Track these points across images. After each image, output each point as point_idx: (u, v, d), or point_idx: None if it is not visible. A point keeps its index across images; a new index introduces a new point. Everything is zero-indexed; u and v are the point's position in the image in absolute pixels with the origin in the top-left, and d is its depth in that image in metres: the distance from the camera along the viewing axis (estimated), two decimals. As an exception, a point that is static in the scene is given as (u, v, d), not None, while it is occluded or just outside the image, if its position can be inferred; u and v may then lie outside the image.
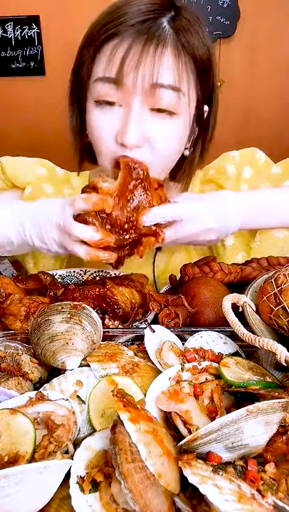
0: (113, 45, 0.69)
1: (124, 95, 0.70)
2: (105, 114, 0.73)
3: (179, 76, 0.70)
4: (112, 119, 0.72)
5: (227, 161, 0.98)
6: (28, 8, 2.85)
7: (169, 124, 0.73)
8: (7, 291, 0.72)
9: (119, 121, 0.72)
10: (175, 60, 0.69)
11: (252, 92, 2.95)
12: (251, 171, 0.97)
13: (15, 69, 3.01)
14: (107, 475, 0.41)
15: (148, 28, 0.67)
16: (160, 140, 0.73)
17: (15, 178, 0.97)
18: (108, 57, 0.69)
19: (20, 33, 2.92)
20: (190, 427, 0.47)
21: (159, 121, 0.72)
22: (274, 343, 0.50)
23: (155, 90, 0.69)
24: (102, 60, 0.70)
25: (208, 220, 0.73)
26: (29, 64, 3.00)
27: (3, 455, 0.42)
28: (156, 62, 0.67)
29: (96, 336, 0.59)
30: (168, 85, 0.69)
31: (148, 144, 0.73)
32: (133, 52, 0.67)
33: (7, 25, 2.90)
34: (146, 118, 0.71)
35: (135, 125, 0.70)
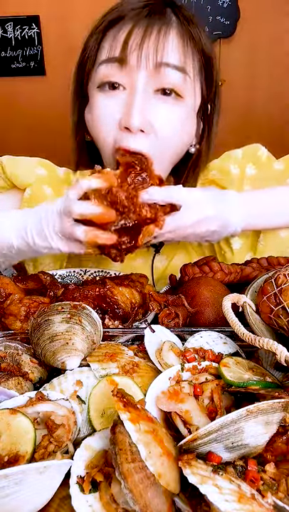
0: (116, 28, 0.68)
1: (128, 75, 0.68)
2: (108, 99, 0.71)
3: (185, 57, 0.68)
4: (115, 104, 0.70)
5: (229, 161, 0.95)
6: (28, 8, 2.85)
7: (173, 107, 0.71)
8: (7, 291, 0.72)
9: (123, 105, 0.70)
10: (180, 42, 0.68)
11: (252, 92, 2.95)
12: (254, 168, 0.96)
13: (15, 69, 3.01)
14: (107, 475, 0.41)
15: (151, 11, 0.67)
16: (164, 124, 0.71)
17: (14, 177, 0.96)
18: (112, 39, 0.68)
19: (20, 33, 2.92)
20: (190, 427, 0.47)
21: (163, 104, 0.70)
22: (274, 343, 0.50)
23: (160, 69, 0.67)
24: (106, 44, 0.70)
25: (206, 206, 0.71)
26: (29, 64, 3.00)
27: (3, 455, 0.42)
28: (161, 41, 0.66)
29: (96, 336, 0.59)
30: (173, 65, 0.68)
31: (152, 128, 0.71)
32: (136, 31, 0.66)
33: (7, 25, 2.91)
34: (151, 100, 0.69)
35: (140, 107, 0.68)
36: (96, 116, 0.74)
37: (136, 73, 0.67)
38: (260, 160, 0.97)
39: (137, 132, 0.69)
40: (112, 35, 0.68)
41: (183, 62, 0.69)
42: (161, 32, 0.66)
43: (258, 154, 0.97)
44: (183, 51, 0.68)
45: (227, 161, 0.96)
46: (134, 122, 0.68)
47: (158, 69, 0.67)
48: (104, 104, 0.71)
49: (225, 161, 0.96)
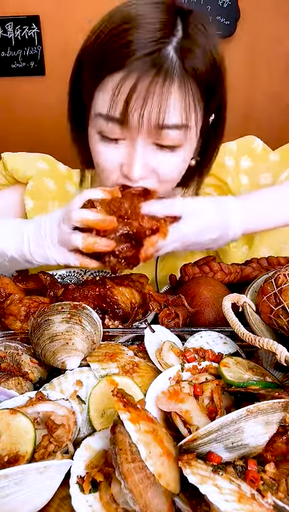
0: (118, 79, 0.65)
1: (129, 132, 0.69)
2: (111, 150, 0.72)
3: (186, 113, 0.68)
4: (117, 153, 0.72)
5: (224, 153, 0.97)
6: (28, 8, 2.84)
7: (173, 156, 0.72)
8: (7, 291, 0.72)
9: (124, 154, 0.72)
10: (182, 95, 0.66)
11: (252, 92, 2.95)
12: (249, 160, 0.97)
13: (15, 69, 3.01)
14: (107, 475, 0.41)
15: (155, 62, 0.63)
16: (164, 171, 0.73)
17: (16, 172, 0.96)
18: (112, 93, 0.66)
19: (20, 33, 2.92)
20: (190, 427, 0.47)
21: (162, 154, 0.72)
22: (274, 343, 0.50)
23: (160, 131, 0.68)
24: (105, 95, 0.67)
25: (209, 215, 0.71)
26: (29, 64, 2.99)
27: (3, 455, 0.42)
28: (163, 102, 0.65)
29: (96, 336, 0.59)
30: (173, 125, 0.67)
31: (152, 174, 0.73)
32: (139, 90, 0.64)
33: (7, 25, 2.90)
34: (150, 151, 0.71)
35: (140, 160, 0.70)
36: (99, 161, 0.76)
37: (136, 132, 0.68)
38: (255, 152, 0.97)
39: (137, 181, 0.72)
40: (114, 86, 0.65)
41: (184, 119, 0.68)
42: (164, 89, 0.64)
43: (253, 146, 0.98)
44: (185, 107, 0.67)
45: (222, 153, 0.96)
46: (135, 175, 0.70)
47: (158, 130, 0.67)
48: (107, 155, 0.73)
49: (220, 154, 0.95)
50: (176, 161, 0.74)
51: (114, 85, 0.65)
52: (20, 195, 0.97)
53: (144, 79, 0.63)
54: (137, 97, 0.64)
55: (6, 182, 1.00)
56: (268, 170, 0.97)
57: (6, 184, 1.00)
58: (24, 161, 0.98)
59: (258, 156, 0.97)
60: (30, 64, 2.99)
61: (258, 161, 0.97)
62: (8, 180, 1.00)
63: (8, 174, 0.98)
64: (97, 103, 0.70)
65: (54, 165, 1.01)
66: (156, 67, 0.63)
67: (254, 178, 0.97)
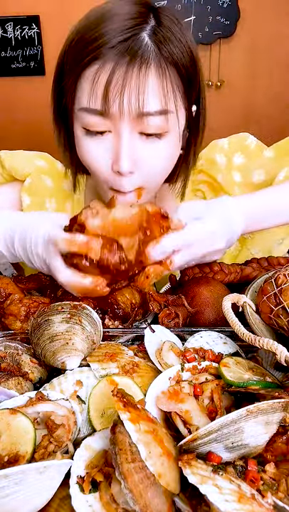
0: (94, 70, 0.66)
1: (112, 122, 0.69)
2: (97, 144, 0.72)
3: (165, 97, 0.68)
4: (104, 147, 0.72)
5: (215, 151, 0.96)
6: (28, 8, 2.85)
7: (160, 144, 0.72)
8: (7, 291, 0.72)
9: (111, 149, 0.71)
10: (160, 81, 0.67)
11: (252, 92, 2.95)
12: (242, 157, 0.96)
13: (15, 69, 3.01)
14: (107, 475, 0.41)
15: (130, 48, 0.64)
16: (152, 163, 0.73)
17: (14, 170, 0.96)
18: (91, 85, 0.67)
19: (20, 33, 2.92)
20: (190, 427, 0.47)
21: (149, 145, 0.72)
22: (274, 343, 0.50)
23: (142, 118, 0.68)
24: (85, 88, 0.68)
25: (217, 240, 0.70)
26: (29, 64, 2.99)
27: (3, 455, 0.42)
28: (141, 87, 0.65)
29: (96, 336, 0.59)
30: (155, 112, 0.68)
31: (141, 167, 0.73)
32: (116, 78, 0.65)
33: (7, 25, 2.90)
34: (137, 142, 0.71)
35: (128, 152, 0.70)
36: (87, 161, 0.76)
37: (119, 121, 0.68)
38: (248, 149, 0.97)
39: (127, 175, 0.72)
40: (91, 79, 0.66)
41: (164, 104, 0.68)
42: (141, 74, 0.65)
43: (246, 143, 0.97)
44: (163, 91, 0.67)
45: (213, 150, 0.97)
46: (124, 168, 0.70)
47: (140, 117, 0.67)
48: (94, 150, 0.73)
49: (211, 151, 0.97)
50: (163, 149, 0.73)
51: (91, 76, 0.66)
52: (17, 193, 0.97)
53: (120, 67, 0.64)
54: (115, 85, 0.65)
55: (2, 180, 1.00)
56: (261, 166, 0.96)
57: (3, 182, 1.00)
58: (22, 159, 0.98)
59: (252, 153, 0.96)
60: (30, 64, 2.99)
61: (252, 158, 0.96)
62: (4, 179, 1.00)
63: (5, 172, 0.98)
64: (78, 97, 0.70)
65: (52, 163, 1.01)
66: (131, 53, 0.64)
67: (247, 174, 0.96)
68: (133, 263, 0.62)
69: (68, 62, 0.71)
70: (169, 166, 0.78)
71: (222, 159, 0.96)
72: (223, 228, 0.71)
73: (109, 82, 0.65)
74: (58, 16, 2.79)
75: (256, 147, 0.97)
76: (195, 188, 1.02)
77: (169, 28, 0.68)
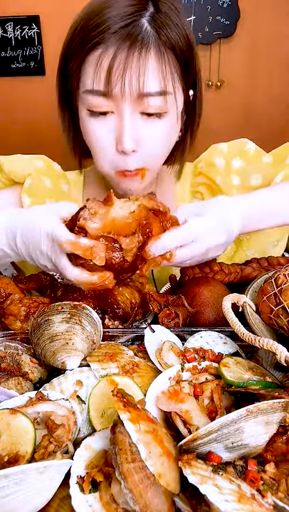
0: (98, 54, 0.70)
1: (115, 103, 0.73)
2: (100, 124, 0.76)
3: (164, 79, 0.72)
4: (107, 128, 0.76)
5: (215, 154, 0.99)
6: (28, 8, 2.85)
7: (159, 125, 0.77)
8: (7, 291, 0.72)
9: (115, 129, 0.75)
10: (159, 63, 0.71)
11: (252, 92, 2.95)
12: (241, 161, 0.98)
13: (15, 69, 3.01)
14: (107, 475, 0.41)
15: (130, 33, 0.69)
16: (153, 141, 0.77)
17: (14, 174, 0.97)
18: (94, 68, 0.71)
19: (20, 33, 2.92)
20: (190, 427, 0.47)
21: (150, 124, 0.76)
22: (274, 343, 0.50)
23: (143, 99, 0.72)
24: (89, 71, 0.73)
25: (217, 236, 0.71)
26: (29, 64, 2.99)
27: (3, 455, 0.42)
28: (141, 69, 0.70)
29: (96, 336, 0.59)
30: (155, 92, 0.72)
31: (141, 147, 0.76)
32: (118, 60, 0.69)
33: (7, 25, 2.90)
34: (138, 122, 0.75)
35: (130, 131, 0.74)
36: (91, 142, 0.80)
37: (121, 102, 0.73)
38: (247, 154, 0.99)
39: (130, 153, 0.76)
40: (95, 63, 0.71)
41: (163, 86, 0.73)
42: (141, 57, 0.69)
43: (246, 149, 0.99)
44: (162, 73, 0.72)
45: (213, 153, 1.00)
46: (127, 147, 0.74)
47: (141, 98, 0.72)
48: (98, 131, 0.77)
49: (211, 154, 1.00)
50: (163, 129, 0.77)
51: (95, 59, 0.71)
52: (17, 195, 0.98)
53: (121, 51, 0.69)
54: (117, 68, 0.69)
55: (1, 185, 1.00)
56: (259, 171, 0.98)
57: (2, 187, 1.01)
58: (21, 161, 0.99)
59: (251, 158, 0.99)
60: (30, 64, 2.99)
61: (251, 163, 0.98)
62: (3, 183, 1.00)
63: (4, 176, 0.98)
64: (83, 81, 0.75)
65: (50, 164, 1.02)
66: (132, 38, 0.69)
67: (245, 178, 0.98)
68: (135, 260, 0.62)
69: (73, 48, 0.75)
70: (168, 145, 0.82)
71: (221, 162, 0.98)
72: (222, 224, 0.72)
73: (112, 65, 0.69)
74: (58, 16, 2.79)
75: (255, 152, 0.99)
76: (194, 190, 1.03)
77: (167, 15, 0.73)
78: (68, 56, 0.77)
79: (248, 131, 3.07)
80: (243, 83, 2.92)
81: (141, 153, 0.77)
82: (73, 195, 1.04)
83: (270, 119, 2.97)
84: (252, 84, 2.93)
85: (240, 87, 2.93)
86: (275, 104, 2.95)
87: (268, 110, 2.97)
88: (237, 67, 2.88)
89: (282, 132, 2.93)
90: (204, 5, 2.72)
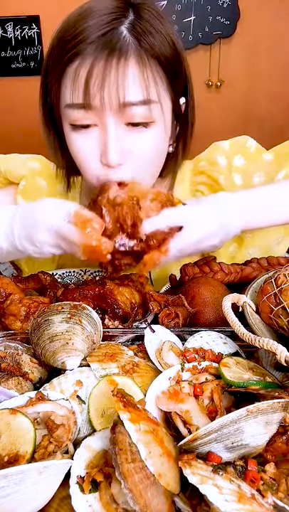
0: (75, 66, 0.67)
1: (97, 116, 0.70)
2: (84, 138, 0.73)
3: (147, 87, 0.68)
4: (91, 142, 0.72)
5: (217, 152, 0.97)
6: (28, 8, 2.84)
7: (146, 134, 0.73)
8: (7, 291, 0.72)
9: (99, 142, 0.72)
10: (140, 71, 0.67)
11: (252, 92, 2.95)
12: (242, 159, 0.96)
13: (15, 69, 3.01)
14: (107, 475, 0.41)
15: (108, 42, 0.65)
16: (140, 153, 0.73)
17: (9, 173, 0.97)
18: (72, 81, 0.68)
19: (20, 33, 2.92)
20: (190, 427, 0.47)
21: (135, 135, 0.72)
22: (274, 343, 0.50)
23: (125, 109, 0.68)
24: (67, 84, 0.70)
25: (209, 223, 0.70)
26: (29, 64, 2.99)
27: (3, 455, 0.42)
28: (121, 79, 0.66)
29: (96, 335, 0.59)
30: (137, 101, 0.68)
31: (130, 158, 0.73)
32: (96, 72, 0.66)
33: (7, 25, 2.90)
34: (123, 134, 0.71)
35: (115, 144, 0.70)
36: (76, 157, 0.76)
37: (102, 113, 0.69)
38: (248, 151, 0.97)
39: (116, 167, 0.72)
40: (73, 74, 0.68)
41: (146, 94, 0.69)
42: (120, 66, 0.66)
43: (247, 146, 0.98)
44: (144, 82, 0.68)
45: (214, 151, 0.98)
46: (112, 160, 0.70)
47: (123, 108, 0.68)
48: (82, 145, 0.74)
49: (212, 152, 0.98)
50: (150, 139, 0.73)
51: (73, 71, 0.68)
52: (12, 195, 0.97)
53: (99, 60, 0.65)
54: (95, 78, 0.66)
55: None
56: (261, 169, 0.97)
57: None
58: (17, 162, 0.98)
59: (252, 156, 0.97)
60: (30, 64, 2.99)
61: (252, 160, 0.97)
62: (1, 182, 1.00)
63: (0, 176, 0.98)
64: (62, 95, 0.72)
65: (46, 165, 1.01)
66: (110, 46, 0.65)
67: (247, 177, 0.97)
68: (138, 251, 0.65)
69: (51, 62, 0.72)
70: (157, 156, 0.78)
71: (223, 161, 0.96)
72: (216, 213, 0.71)
73: (89, 76, 0.66)
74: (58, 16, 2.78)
75: (256, 150, 0.98)
76: (194, 189, 1.02)
77: (149, 21, 0.69)
78: (47, 71, 0.74)
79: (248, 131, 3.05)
80: (243, 83, 2.92)
81: (127, 166, 0.73)
82: (70, 195, 1.04)
83: (270, 118, 2.97)
84: (252, 84, 2.93)
85: (240, 86, 2.92)
86: (275, 104, 2.95)
87: (268, 110, 2.96)
88: (237, 67, 2.88)
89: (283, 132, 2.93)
90: (204, 5, 2.72)
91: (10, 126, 3.12)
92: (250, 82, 2.93)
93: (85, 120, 0.70)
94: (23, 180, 0.96)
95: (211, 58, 2.85)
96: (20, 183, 0.97)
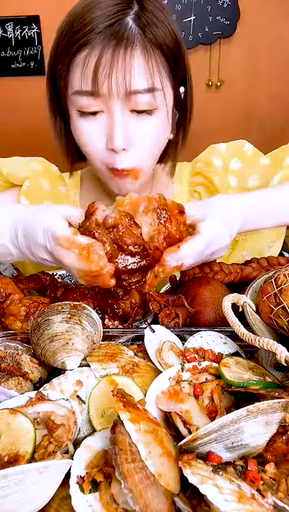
0: (84, 55, 0.71)
1: (104, 102, 0.73)
2: (91, 124, 0.76)
3: (152, 75, 0.73)
4: (98, 127, 0.76)
5: (213, 154, 1.00)
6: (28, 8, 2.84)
7: (150, 121, 0.77)
8: (7, 291, 0.72)
9: (105, 128, 0.75)
10: (145, 61, 0.71)
11: (252, 92, 2.95)
12: (239, 162, 0.99)
13: (15, 69, 3.01)
14: (107, 475, 0.41)
15: (116, 32, 0.69)
16: (143, 139, 0.77)
17: (12, 176, 0.97)
18: (81, 69, 0.72)
19: (20, 33, 2.92)
20: (190, 427, 0.47)
21: (140, 121, 0.76)
22: (274, 343, 0.50)
23: (131, 96, 0.72)
24: (76, 72, 0.73)
25: (224, 239, 0.70)
26: (29, 64, 2.99)
27: (3, 455, 0.42)
28: (128, 68, 0.70)
29: (96, 335, 0.59)
30: (143, 89, 0.72)
31: (133, 145, 0.76)
32: (104, 60, 0.69)
33: (7, 25, 2.90)
34: (129, 120, 0.75)
35: (120, 129, 0.74)
36: (82, 141, 0.80)
37: (109, 100, 0.73)
38: (245, 155, 0.99)
39: (120, 152, 0.76)
40: (82, 63, 0.71)
41: (151, 83, 0.73)
42: (127, 56, 0.70)
43: (244, 150, 1.00)
44: (149, 71, 0.72)
45: (211, 153, 1.00)
46: (117, 145, 0.74)
47: (129, 96, 0.72)
48: (88, 130, 0.77)
49: (209, 154, 1.01)
50: (154, 126, 0.77)
51: (82, 60, 0.71)
52: (15, 198, 0.98)
53: (107, 49, 0.69)
54: (104, 67, 0.70)
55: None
56: (257, 172, 0.98)
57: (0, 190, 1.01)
58: (19, 164, 0.99)
59: (249, 160, 0.99)
60: (30, 64, 2.99)
61: (249, 164, 0.99)
62: (1, 186, 1.00)
63: (2, 179, 0.98)
64: (71, 83, 0.75)
65: (47, 167, 1.03)
66: (117, 37, 0.69)
67: (243, 179, 0.98)
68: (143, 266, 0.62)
69: (59, 51, 0.75)
70: (160, 142, 0.82)
71: (219, 162, 0.99)
72: (227, 227, 0.71)
73: (98, 65, 0.70)
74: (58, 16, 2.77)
75: (253, 154, 1.00)
76: (192, 190, 1.04)
77: (153, 13, 0.73)
78: (56, 59, 0.77)
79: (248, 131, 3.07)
80: (243, 83, 2.92)
81: (132, 152, 0.77)
82: (71, 197, 1.04)
83: (271, 118, 2.97)
84: (252, 83, 2.93)
85: (240, 86, 2.92)
86: (275, 104, 2.95)
87: (268, 110, 2.96)
88: (237, 67, 2.88)
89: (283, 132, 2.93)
90: (204, 5, 2.72)
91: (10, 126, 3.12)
92: (250, 82, 2.93)
93: (92, 107, 0.74)
94: (26, 181, 0.97)
95: (211, 58, 2.85)
96: (23, 184, 0.97)
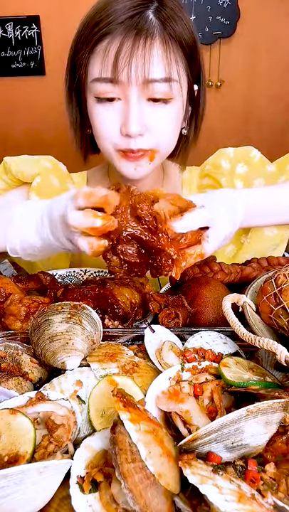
0: (105, 44, 0.74)
1: (122, 90, 0.76)
2: (107, 110, 0.79)
3: (169, 66, 0.75)
4: (114, 113, 0.79)
5: (222, 157, 1.03)
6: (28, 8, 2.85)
7: (165, 110, 0.79)
8: (7, 291, 0.72)
9: (121, 114, 0.78)
10: (164, 52, 0.74)
11: (252, 92, 2.95)
12: (245, 167, 1.02)
13: (15, 69, 3.01)
14: (107, 475, 0.41)
15: (136, 23, 0.72)
16: (159, 126, 0.80)
17: (21, 174, 0.99)
18: (102, 57, 0.75)
19: (20, 33, 2.92)
20: (190, 427, 0.47)
21: (156, 109, 0.79)
22: (274, 343, 0.50)
23: (148, 85, 0.75)
24: (97, 60, 0.76)
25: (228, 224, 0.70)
26: (29, 64, 2.99)
27: (3, 455, 0.42)
28: (147, 57, 0.73)
29: (96, 335, 0.59)
30: (160, 79, 0.75)
31: (149, 131, 0.79)
32: (124, 49, 0.72)
33: (7, 25, 2.90)
34: (145, 107, 0.78)
35: (136, 116, 0.76)
36: (98, 128, 0.82)
37: (128, 88, 0.75)
38: (252, 161, 1.02)
39: (136, 137, 0.79)
40: (102, 52, 0.74)
41: (168, 73, 0.76)
42: (146, 45, 0.73)
43: (251, 156, 1.03)
44: (167, 61, 0.75)
45: (220, 156, 1.04)
46: (132, 130, 0.76)
47: (146, 84, 0.75)
48: (105, 116, 0.80)
49: (218, 157, 1.04)
50: (169, 114, 0.80)
51: (103, 49, 0.74)
52: (25, 195, 1.00)
53: (128, 39, 0.73)
54: (124, 55, 0.73)
55: (5, 186, 1.01)
56: (262, 176, 1.01)
57: (6, 189, 1.01)
58: (29, 162, 1.01)
59: (255, 166, 1.02)
60: (30, 64, 2.99)
61: (255, 169, 1.02)
62: (8, 184, 1.01)
63: (9, 177, 1.00)
64: (90, 70, 0.78)
65: (56, 164, 1.04)
66: (138, 27, 0.73)
67: (248, 183, 1.01)
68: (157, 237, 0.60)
69: (81, 41, 0.78)
70: (175, 130, 0.85)
71: (227, 165, 1.02)
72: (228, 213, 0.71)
73: (118, 53, 0.73)
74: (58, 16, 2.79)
75: (259, 160, 1.03)
76: (201, 192, 1.06)
77: (171, 8, 0.76)
78: (77, 48, 0.80)
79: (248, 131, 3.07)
80: (243, 83, 2.92)
81: (147, 137, 0.79)
82: None
83: (270, 119, 2.97)
84: (252, 84, 2.93)
85: (240, 87, 2.93)
86: (275, 104, 2.95)
87: (268, 110, 2.96)
88: (237, 67, 2.88)
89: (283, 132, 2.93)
90: (204, 5, 2.72)
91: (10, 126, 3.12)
92: (250, 82, 2.93)
93: (110, 93, 0.77)
94: (37, 177, 0.99)
95: (211, 58, 2.85)
96: (33, 181, 0.99)
